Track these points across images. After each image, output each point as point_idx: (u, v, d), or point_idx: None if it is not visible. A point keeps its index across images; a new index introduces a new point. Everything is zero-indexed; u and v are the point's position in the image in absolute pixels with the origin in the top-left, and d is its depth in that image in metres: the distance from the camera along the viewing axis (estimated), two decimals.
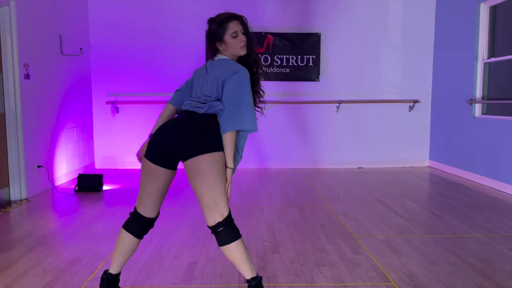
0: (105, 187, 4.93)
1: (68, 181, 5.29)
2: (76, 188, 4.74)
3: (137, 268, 2.60)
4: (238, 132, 1.96)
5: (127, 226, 2.04)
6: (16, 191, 4.30)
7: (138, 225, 2.03)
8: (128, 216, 2.07)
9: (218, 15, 2.08)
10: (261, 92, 2.15)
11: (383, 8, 6.26)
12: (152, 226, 2.08)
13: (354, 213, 3.85)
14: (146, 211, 2.02)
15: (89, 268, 2.61)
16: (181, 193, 4.63)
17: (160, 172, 1.98)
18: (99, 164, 6.29)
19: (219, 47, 2.06)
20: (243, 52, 2.06)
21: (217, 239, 1.94)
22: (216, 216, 1.91)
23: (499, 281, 2.41)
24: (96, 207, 4.12)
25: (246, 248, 1.98)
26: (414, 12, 6.26)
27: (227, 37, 2.02)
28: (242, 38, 2.03)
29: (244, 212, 3.89)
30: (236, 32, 2.02)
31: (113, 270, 2.08)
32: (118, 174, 5.79)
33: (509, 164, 4.58)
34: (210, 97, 1.99)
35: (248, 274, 1.96)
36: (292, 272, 2.55)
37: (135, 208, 2.05)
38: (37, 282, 2.41)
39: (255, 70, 2.12)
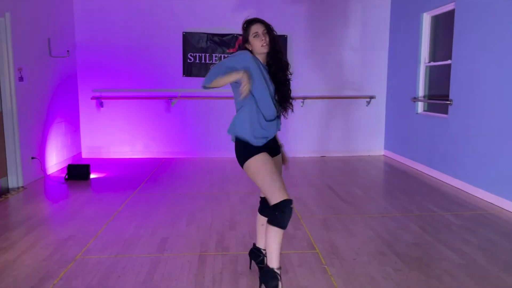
0: (92, 176, 5.57)
1: (58, 170, 5.90)
2: (66, 176, 5.36)
3: (120, 244, 3.28)
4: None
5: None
6: (14, 180, 4.92)
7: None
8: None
9: (244, 21, 2.51)
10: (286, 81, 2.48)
11: (344, 14, 6.94)
12: None
13: (305, 198, 4.59)
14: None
15: (82, 243, 3.28)
16: (162, 181, 5.29)
17: None
18: (86, 154, 6.90)
19: (248, 48, 2.44)
20: (264, 49, 2.40)
21: None
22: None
23: (396, 248, 3.18)
24: (85, 194, 4.78)
25: (275, 237, 2.45)
26: (371, 18, 6.96)
27: (250, 38, 2.42)
28: (262, 37, 2.40)
29: (213, 198, 4.60)
30: (256, 32, 2.40)
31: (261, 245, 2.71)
32: (103, 163, 6.41)
33: (442, 155, 5.36)
34: None
35: (271, 263, 2.44)
36: (242, 244, 3.27)
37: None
38: (41, 253, 3.08)
39: (279, 60, 2.44)
